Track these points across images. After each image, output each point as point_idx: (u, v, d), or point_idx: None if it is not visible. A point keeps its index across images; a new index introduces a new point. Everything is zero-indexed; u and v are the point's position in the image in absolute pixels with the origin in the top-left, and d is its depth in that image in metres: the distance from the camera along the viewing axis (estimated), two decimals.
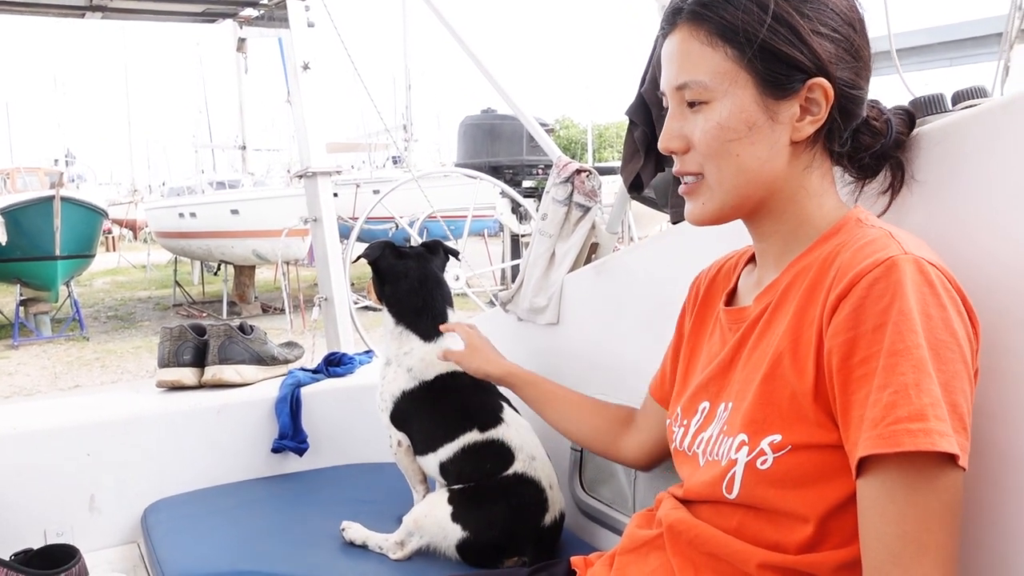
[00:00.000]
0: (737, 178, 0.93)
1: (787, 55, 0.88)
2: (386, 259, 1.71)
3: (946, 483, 0.76)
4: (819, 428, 0.84)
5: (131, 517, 1.85)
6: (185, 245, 13.67)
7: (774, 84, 0.89)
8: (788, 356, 0.87)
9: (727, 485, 0.91)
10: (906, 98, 1.21)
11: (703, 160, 0.94)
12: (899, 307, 0.77)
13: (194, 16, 4.00)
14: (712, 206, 0.96)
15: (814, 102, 0.90)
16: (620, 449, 1.36)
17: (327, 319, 3.54)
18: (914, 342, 0.76)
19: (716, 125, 0.91)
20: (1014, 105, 0.91)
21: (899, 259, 0.80)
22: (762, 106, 0.90)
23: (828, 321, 0.83)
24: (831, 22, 0.89)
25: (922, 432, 0.74)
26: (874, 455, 0.76)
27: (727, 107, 0.91)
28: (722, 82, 0.91)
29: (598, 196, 1.89)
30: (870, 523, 0.79)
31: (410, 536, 1.51)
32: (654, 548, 1.03)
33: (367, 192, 11.03)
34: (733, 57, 0.90)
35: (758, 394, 0.90)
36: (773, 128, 0.91)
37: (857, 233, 0.88)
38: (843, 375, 0.80)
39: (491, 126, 9.57)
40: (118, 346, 9.88)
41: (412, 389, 1.63)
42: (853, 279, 0.81)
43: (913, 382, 0.75)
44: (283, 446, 2.00)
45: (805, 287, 0.89)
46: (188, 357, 2.07)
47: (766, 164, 0.92)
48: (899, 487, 0.76)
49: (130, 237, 25.49)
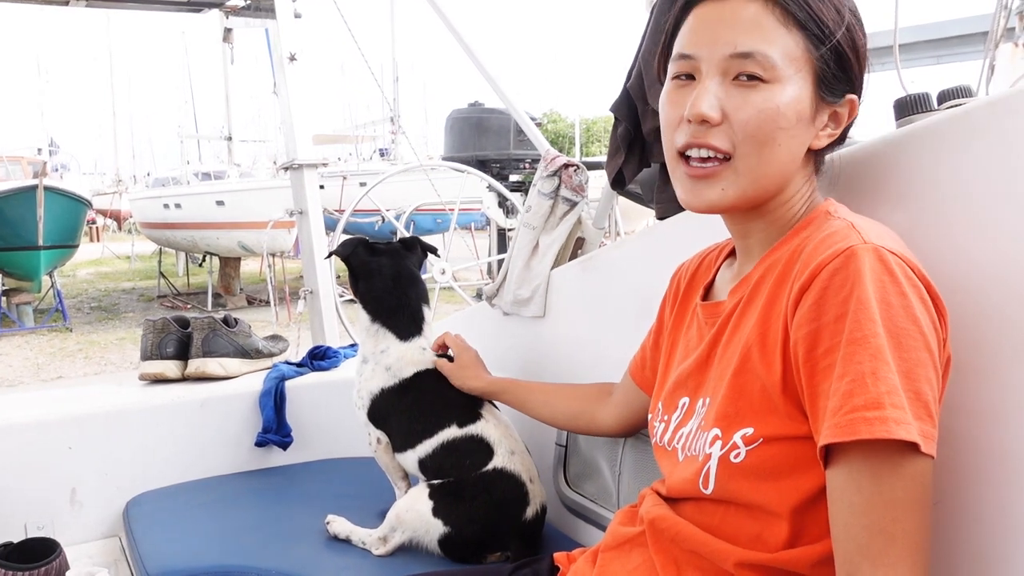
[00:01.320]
0: (770, 167, 0.90)
1: (849, 63, 0.91)
2: (359, 256, 1.70)
3: (911, 471, 0.75)
4: (789, 420, 0.85)
5: (113, 511, 1.84)
6: (170, 236, 13.58)
7: (827, 87, 0.90)
8: (757, 349, 0.88)
9: (703, 480, 0.92)
10: (897, 95, 1.22)
11: (741, 140, 0.89)
12: (858, 296, 0.78)
13: (179, 5, 3.98)
14: (733, 192, 0.91)
15: (840, 117, 0.92)
16: (598, 423, 1.41)
17: (312, 312, 3.53)
18: (871, 330, 0.76)
19: (774, 107, 0.87)
20: (998, 105, 0.92)
21: (858, 248, 0.80)
22: (812, 103, 0.90)
23: (793, 313, 0.83)
24: (866, 45, 0.93)
25: (878, 420, 0.74)
26: (837, 445, 0.77)
27: (789, 93, 0.88)
28: (790, 66, 0.88)
29: (585, 191, 1.89)
30: (838, 514, 0.79)
31: (393, 531, 1.51)
32: (636, 545, 1.04)
33: (354, 184, 10.98)
34: (804, 47, 0.88)
35: (730, 388, 0.91)
36: (808, 129, 0.92)
37: (823, 225, 0.89)
38: (809, 367, 0.81)
39: (478, 120, 9.55)
40: (101, 337, 9.81)
41: (390, 387, 1.63)
42: (814, 270, 0.82)
43: (870, 370, 0.75)
44: (267, 440, 1.99)
45: (774, 280, 0.90)
46: (171, 350, 2.05)
47: (792, 161, 0.92)
48: (864, 477, 0.76)
49: (114, 227, 25.32)
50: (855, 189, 1.06)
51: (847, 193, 1.06)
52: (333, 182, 11.65)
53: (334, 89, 30.72)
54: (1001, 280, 0.89)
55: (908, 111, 1.17)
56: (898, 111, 1.20)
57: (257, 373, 2.13)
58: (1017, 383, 0.88)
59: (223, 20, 4.39)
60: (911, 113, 1.17)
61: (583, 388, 1.48)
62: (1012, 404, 0.88)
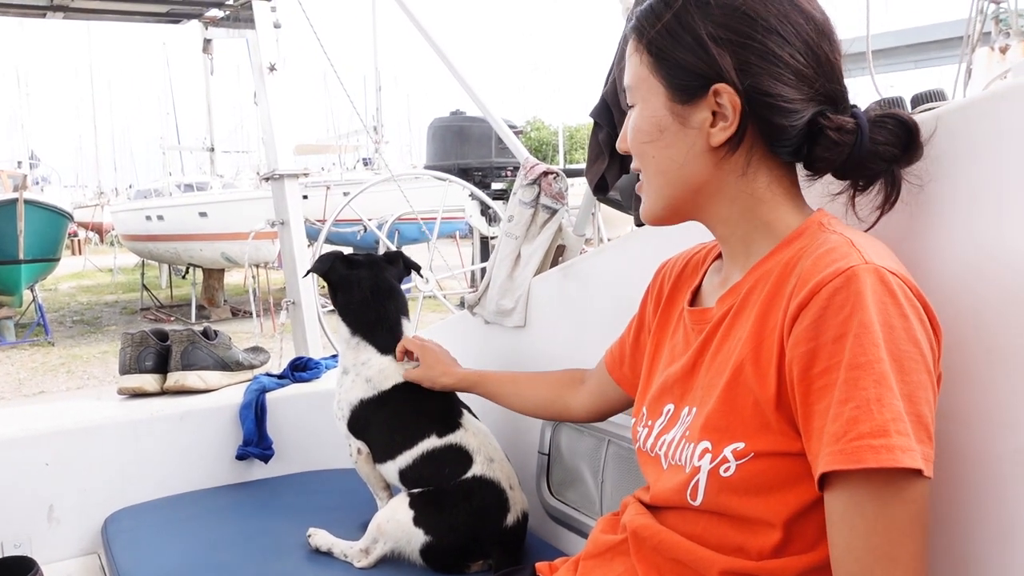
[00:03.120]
0: (658, 179, 0.97)
1: (684, 61, 0.90)
2: (336, 270, 1.71)
3: (913, 495, 0.75)
4: (782, 436, 0.84)
5: (91, 527, 1.82)
6: (152, 248, 13.49)
7: (680, 90, 0.91)
8: (750, 364, 0.87)
9: (691, 492, 0.91)
10: (872, 99, 1.22)
11: (634, 160, 1.00)
12: (860, 319, 0.77)
13: (158, 16, 3.95)
14: (648, 203, 1.00)
15: (723, 108, 0.89)
16: (570, 410, 1.43)
17: (295, 323, 3.50)
18: (876, 355, 0.76)
19: (633, 127, 0.97)
20: (970, 109, 0.92)
21: (860, 269, 0.79)
22: (670, 111, 0.93)
23: (789, 330, 0.82)
24: (741, 27, 0.88)
25: (884, 448, 0.73)
26: (839, 471, 0.76)
27: (642, 111, 0.96)
28: (640, 87, 0.96)
29: (565, 198, 1.89)
30: (839, 537, 0.78)
31: (374, 543, 1.49)
32: (619, 553, 1.03)
33: (337, 194, 10.95)
34: (647, 64, 0.94)
35: (720, 401, 0.89)
36: (685, 133, 0.92)
37: (819, 239, 0.87)
38: (804, 386, 0.80)
39: (460, 128, 9.54)
40: (84, 351, 9.72)
41: (370, 398, 1.63)
42: (814, 288, 0.80)
43: (875, 397, 0.75)
44: (248, 453, 1.98)
45: (767, 293, 0.88)
46: (150, 363, 2.04)
47: (684, 167, 0.94)
48: (868, 501, 0.76)
49: (96, 240, 25.13)
50: (830, 191, 1.05)
51: (823, 196, 1.05)
52: (316, 192, 11.62)
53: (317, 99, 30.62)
54: (974, 284, 0.90)
55: None
56: None
57: (238, 386, 2.11)
58: (990, 386, 0.88)
59: (202, 31, 4.36)
60: None
61: (553, 376, 1.50)
62: (987, 407, 0.88)
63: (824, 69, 0.90)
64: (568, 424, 1.68)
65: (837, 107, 0.90)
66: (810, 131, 0.89)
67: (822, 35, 0.90)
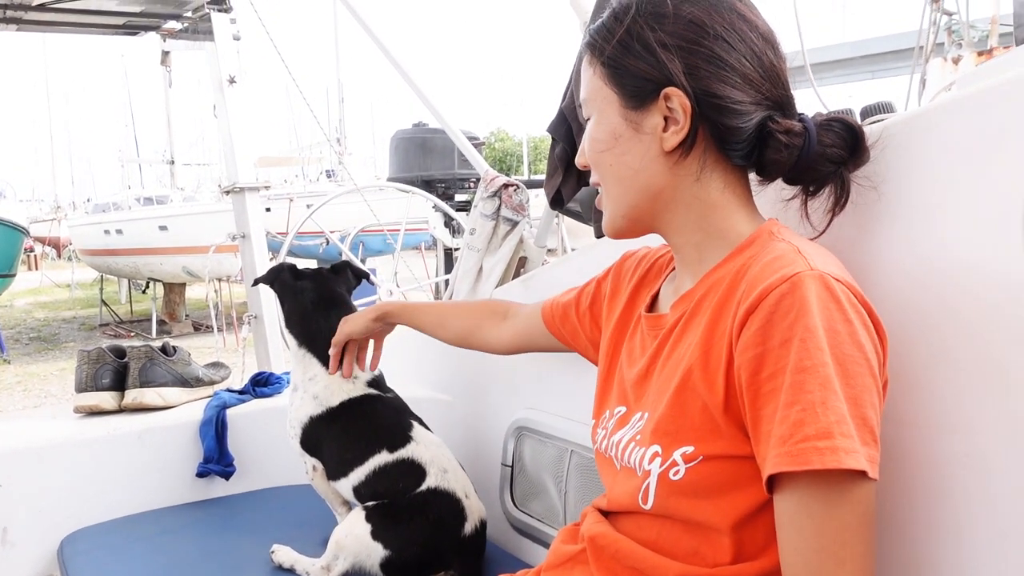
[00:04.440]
0: (616, 187, 0.99)
1: (635, 68, 0.92)
2: (283, 281, 1.71)
3: (859, 496, 0.77)
4: (731, 440, 0.85)
5: (47, 549, 1.78)
6: (112, 263, 13.27)
7: (632, 96, 0.94)
8: (699, 369, 0.88)
9: (642, 496, 0.92)
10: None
11: (592, 172, 1.02)
12: (805, 323, 0.78)
13: (115, 28, 3.90)
14: (607, 215, 1.02)
15: (675, 112, 0.92)
16: (489, 342, 1.49)
17: (257, 337, 3.47)
18: (820, 359, 0.77)
19: (590, 138, 0.99)
20: (915, 121, 0.94)
21: (805, 275, 0.81)
22: (624, 118, 0.95)
23: (737, 336, 0.84)
24: (688, 33, 0.90)
25: (829, 450, 0.75)
26: (786, 473, 0.77)
27: (597, 121, 0.98)
28: (595, 98, 0.98)
29: (526, 210, 1.90)
30: (788, 539, 0.80)
31: (335, 559, 1.48)
32: (578, 563, 1.03)
33: (301, 207, 10.87)
34: (601, 75, 0.97)
35: (670, 405, 0.91)
36: (639, 139, 0.94)
37: (768, 247, 0.89)
38: (752, 390, 0.81)
39: (423, 140, 9.51)
40: (41, 368, 9.52)
41: (319, 415, 1.62)
42: (761, 295, 0.82)
43: (820, 400, 0.76)
44: (208, 470, 1.95)
45: (717, 300, 0.90)
46: (107, 380, 2.00)
47: (640, 173, 0.96)
48: (813, 503, 0.77)
49: (53, 255, 24.68)
50: (780, 200, 1.07)
51: (775, 205, 1.07)
52: (280, 204, 11.52)
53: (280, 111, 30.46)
54: (922, 289, 0.92)
55: None
56: None
57: (198, 402, 2.08)
58: (936, 390, 0.90)
59: (161, 43, 4.31)
60: None
61: (473, 306, 1.56)
62: (934, 411, 0.90)
63: (770, 75, 0.92)
64: (531, 435, 1.68)
65: (785, 112, 0.93)
66: (760, 135, 0.91)
67: (767, 43, 0.93)
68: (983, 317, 0.85)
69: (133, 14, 3.73)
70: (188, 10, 3.78)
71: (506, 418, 1.75)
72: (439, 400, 1.98)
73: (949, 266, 0.89)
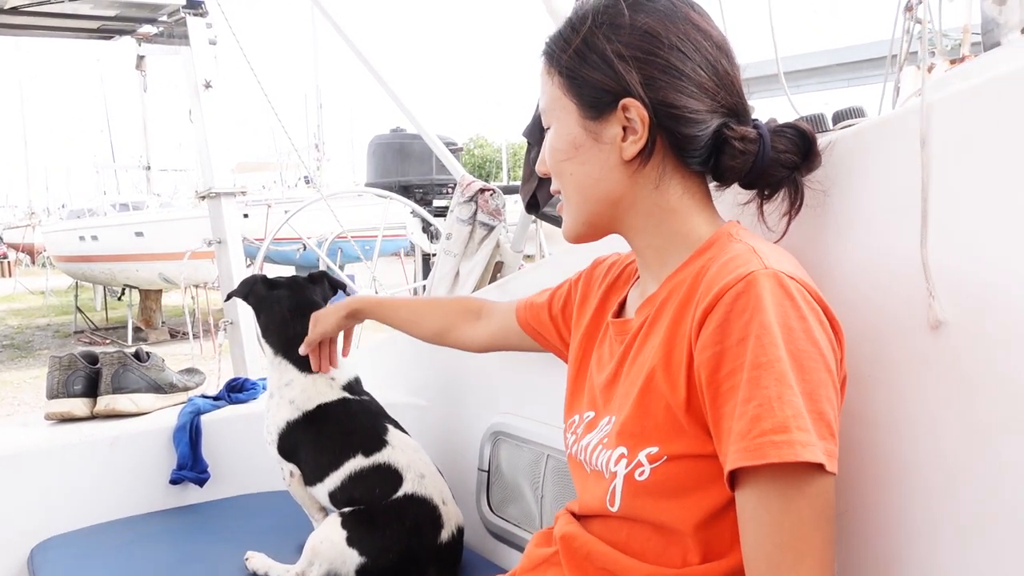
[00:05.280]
0: (577, 196, 1.00)
1: (593, 79, 0.94)
2: (256, 293, 1.70)
3: (817, 490, 0.77)
4: (694, 439, 0.86)
5: (17, 558, 1.75)
6: (87, 269, 13.13)
7: (590, 106, 0.95)
8: (661, 370, 0.89)
9: (609, 498, 0.93)
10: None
11: (553, 180, 1.03)
12: (760, 320, 0.79)
13: (89, 33, 3.88)
14: (570, 220, 1.02)
15: (633, 122, 0.93)
16: (464, 340, 1.50)
17: (233, 343, 3.46)
18: (776, 355, 0.78)
19: (550, 147, 1.01)
20: (886, 126, 0.96)
21: (759, 274, 0.82)
22: (583, 128, 0.96)
23: (696, 335, 0.85)
24: (644, 44, 0.91)
25: (785, 444, 0.75)
26: (745, 468, 0.78)
27: (557, 130, 0.99)
28: (554, 107, 0.99)
29: (502, 215, 1.90)
30: (748, 534, 0.80)
31: (310, 565, 1.47)
32: (552, 565, 1.04)
33: (279, 213, 10.82)
34: (559, 84, 0.98)
35: (635, 407, 0.92)
36: (599, 148, 0.96)
37: (726, 248, 0.90)
38: (712, 389, 0.82)
39: (400, 145, 9.49)
40: (14, 376, 9.40)
41: (295, 420, 1.62)
42: (718, 294, 0.83)
43: (776, 395, 0.77)
44: (182, 477, 1.93)
45: (679, 302, 0.91)
46: (79, 387, 1.98)
47: (600, 182, 0.97)
48: (772, 497, 0.78)
49: (27, 262, 24.36)
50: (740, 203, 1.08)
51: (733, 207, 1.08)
52: (258, 210, 11.46)
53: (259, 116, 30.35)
54: (891, 291, 0.93)
55: None
56: None
57: (171, 408, 2.06)
58: (903, 391, 0.91)
59: (136, 48, 4.29)
60: None
61: (447, 303, 1.56)
62: (904, 412, 0.91)
63: (725, 83, 0.94)
64: (507, 440, 1.68)
65: (740, 119, 0.95)
66: (716, 142, 0.93)
67: (720, 51, 0.94)
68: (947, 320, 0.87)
69: (108, 18, 3.71)
70: (163, 14, 3.77)
71: (482, 423, 1.75)
72: (415, 405, 1.97)
73: (911, 268, 0.90)
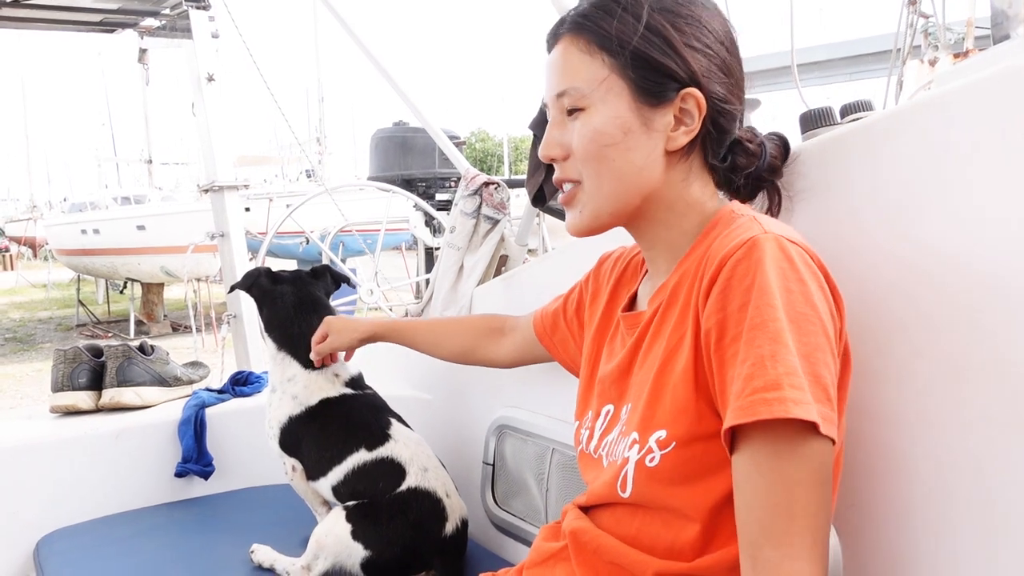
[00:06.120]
0: (614, 184, 0.94)
1: (660, 63, 0.91)
2: (260, 286, 1.70)
3: (810, 451, 0.76)
4: (699, 418, 0.85)
5: (22, 551, 1.76)
6: (88, 263, 13.13)
7: (648, 92, 0.92)
8: (676, 352, 0.89)
9: (621, 484, 0.92)
10: (800, 111, 1.25)
11: (581, 166, 0.95)
12: (759, 283, 0.79)
13: (91, 26, 3.86)
14: (588, 213, 0.97)
15: (688, 113, 0.92)
16: (491, 358, 1.49)
17: (236, 337, 3.45)
18: (772, 315, 0.78)
19: (592, 130, 0.93)
20: (894, 118, 0.95)
21: (759, 238, 0.82)
22: (637, 113, 0.92)
23: (703, 306, 0.85)
24: (704, 38, 0.92)
25: (777, 400, 0.75)
26: (740, 428, 0.78)
27: (603, 113, 0.93)
28: (598, 88, 0.93)
29: (507, 208, 1.90)
30: (742, 497, 0.79)
31: (316, 559, 1.47)
32: (560, 560, 1.03)
33: (280, 206, 10.81)
34: (609, 65, 0.92)
35: (650, 393, 0.91)
36: (649, 136, 0.93)
37: (729, 223, 0.91)
38: (718, 356, 0.82)
39: (403, 139, 9.47)
40: (16, 369, 9.41)
41: (297, 415, 1.62)
42: (720, 262, 0.83)
43: (769, 353, 0.76)
44: (187, 470, 1.93)
45: (688, 284, 0.91)
46: (84, 380, 1.98)
47: (642, 171, 0.94)
48: (764, 457, 0.77)
49: (29, 255, 24.37)
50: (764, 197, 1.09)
51: (757, 200, 1.08)
52: (259, 204, 11.45)
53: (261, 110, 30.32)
54: (897, 283, 0.93)
55: (812, 125, 1.21)
56: (803, 125, 1.23)
57: (176, 401, 2.07)
58: (915, 384, 0.91)
59: (138, 41, 4.27)
60: (815, 127, 1.20)
61: (471, 322, 1.54)
62: (912, 406, 0.91)
63: (742, 83, 0.96)
64: (513, 434, 1.68)
65: (742, 121, 0.98)
66: (732, 140, 0.95)
67: (735, 48, 0.96)
68: (952, 314, 0.86)
69: (110, 11, 3.70)
70: (166, 7, 3.75)
71: (487, 416, 1.75)
72: (420, 399, 1.97)
73: (918, 261, 0.90)
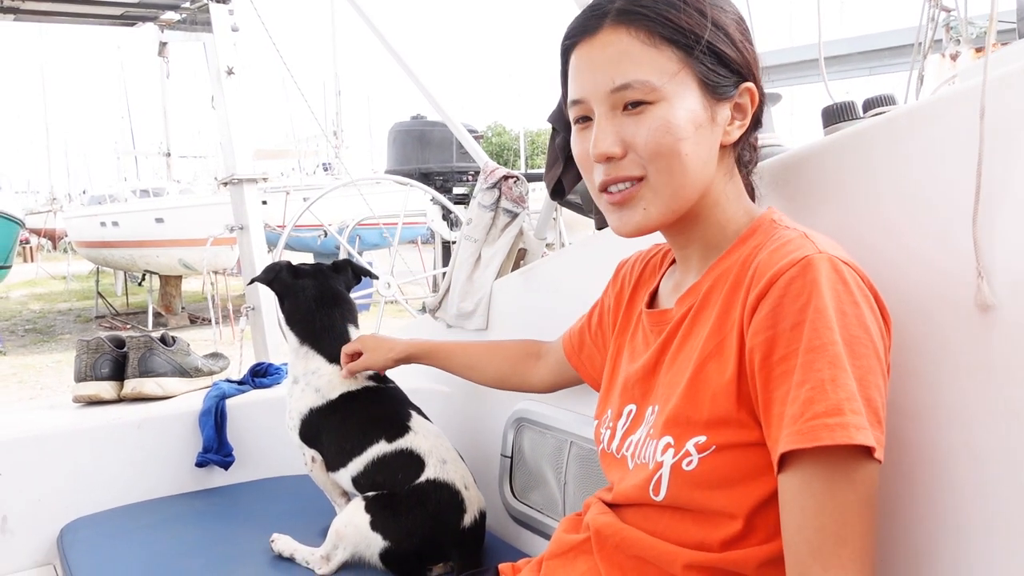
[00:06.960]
0: (683, 179, 0.91)
1: (729, 57, 0.92)
2: (281, 280, 1.71)
3: (862, 476, 0.77)
4: (742, 428, 0.85)
5: (46, 538, 1.78)
6: (107, 255, 13.24)
7: (715, 86, 0.92)
8: (713, 359, 0.89)
9: (654, 487, 0.92)
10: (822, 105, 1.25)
11: (647, 163, 0.91)
12: (815, 305, 0.79)
13: (112, 19, 3.90)
14: (656, 210, 0.93)
15: (742, 107, 0.94)
16: (529, 383, 1.48)
17: (255, 329, 3.47)
18: (830, 339, 0.78)
19: (666, 123, 0.89)
20: (919, 112, 0.95)
21: (815, 258, 0.82)
22: (704, 106, 0.92)
23: (749, 321, 0.84)
24: (747, 33, 0.94)
25: (839, 426, 0.75)
26: (794, 451, 0.78)
27: (677, 107, 0.90)
28: (669, 82, 0.90)
29: (525, 202, 1.90)
30: (791, 518, 0.80)
31: (335, 548, 1.49)
32: (581, 552, 1.04)
33: (297, 199, 10.84)
34: (679, 58, 0.90)
35: (683, 397, 0.91)
36: (712, 130, 0.93)
37: (774, 234, 0.90)
38: (764, 373, 0.82)
39: (421, 132, 9.46)
40: (37, 360, 9.50)
41: (319, 407, 1.63)
42: (771, 278, 0.83)
43: (829, 377, 0.77)
44: (208, 460, 1.95)
45: (727, 289, 0.90)
46: (106, 370, 2.00)
47: (706, 166, 0.93)
48: (817, 481, 0.77)
49: (49, 247, 24.60)
50: (786, 192, 1.09)
51: (779, 196, 1.08)
52: (276, 197, 11.50)
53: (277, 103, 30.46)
54: (917, 279, 0.92)
55: (835, 119, 1.21)
56: (826, 119, 1.23)
57: (197, 392, 2.08)
58: (942, 381, 0.90)
59: (158, 34, 4.30)
60: (838, 121, 1.20)
61: (508, 348, 1.53)
62: (939, 403, 0.91)
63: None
64: (531, 427, 1.69)
65: None
66: None
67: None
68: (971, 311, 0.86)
69: (131, 4, 3.73)
70: (186, 1, 3.77)
71: (506, 409, 1.76)
72: (439, 391, 1.98)
73: (950, 257, 0.89)
